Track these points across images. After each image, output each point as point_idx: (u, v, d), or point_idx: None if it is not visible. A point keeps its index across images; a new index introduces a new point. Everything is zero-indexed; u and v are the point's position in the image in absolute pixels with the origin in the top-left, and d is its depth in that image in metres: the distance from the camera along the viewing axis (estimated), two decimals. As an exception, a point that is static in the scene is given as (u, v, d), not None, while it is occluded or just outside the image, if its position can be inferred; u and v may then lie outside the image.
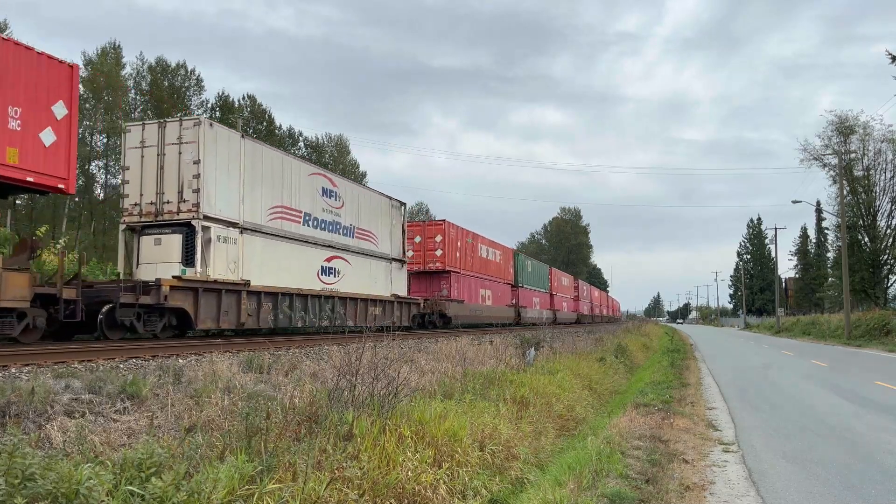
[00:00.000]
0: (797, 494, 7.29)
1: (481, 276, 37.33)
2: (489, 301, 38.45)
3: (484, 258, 38.63)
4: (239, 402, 7.79)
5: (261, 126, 57.69)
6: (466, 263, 34.80)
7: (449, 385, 11.65)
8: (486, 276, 38.44)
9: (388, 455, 6.75)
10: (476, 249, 37.10)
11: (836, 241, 58.57)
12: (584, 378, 16.82)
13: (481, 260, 37.87)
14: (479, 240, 38.91)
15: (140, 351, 11.50)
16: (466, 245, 35.21)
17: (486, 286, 38.32)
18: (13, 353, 10.12)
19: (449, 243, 32.42)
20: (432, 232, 32.47)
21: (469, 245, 35.72)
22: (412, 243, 31.25)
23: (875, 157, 52.52)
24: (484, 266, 38.34)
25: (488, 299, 38.37)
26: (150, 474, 4.97)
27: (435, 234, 32.27)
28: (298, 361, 11.80)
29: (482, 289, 37.26)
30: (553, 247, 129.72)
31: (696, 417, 12.24)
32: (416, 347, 16.36)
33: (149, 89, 52.88)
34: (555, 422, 11.97)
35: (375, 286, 24.82)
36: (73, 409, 6.96)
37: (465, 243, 34.84)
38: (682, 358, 27.74)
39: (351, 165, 70.05)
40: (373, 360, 8.72)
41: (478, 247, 37.76)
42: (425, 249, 32.04)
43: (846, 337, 43.03)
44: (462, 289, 33.43)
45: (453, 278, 32.31)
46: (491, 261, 40.02)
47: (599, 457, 7.99)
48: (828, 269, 75.56)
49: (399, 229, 27.63)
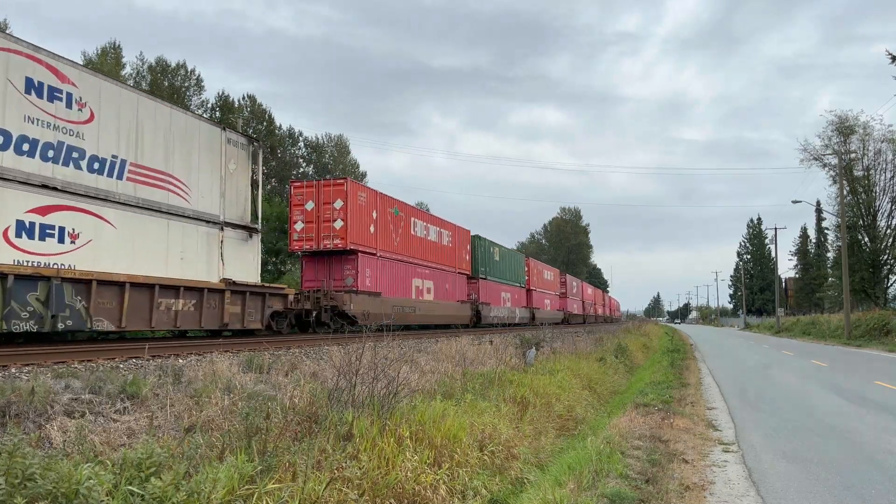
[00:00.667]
0: (797, 494, 7.28)
1: (416, 261, 28.55)
2: (429, 295, 29.68)
3: (422, 238, 29.57)
4: (239, 402, 7.79)
5: (261, 126, 57.67)
6: (388, 243, 25.91)
7: (449, 385, 11.65)
8: (426, 263, 29.61)
9: (387, 455, 6.75)
10: (409, 226, 28.12)
11: (836, 241, 58.59)
12: (584, 378, 16.82)
13: (417, 240, 28.84)
14: (414, 213, 29.44)
15: (139, 351, 11.50)
16: (390, 217, 26.25)
17: (426, 275, 29.38)
18: (13, 353, 10.12)
19: (355, 212, 23.29)
20: (330, 195, 23.04)
21: (395, 218, 26.83)
22: (302, 211, 23.25)
23: (875, 157, 52.57)
24: (422, 249, 29.29)
25: (427, 292, 29.58)
26: (150, 474, 4.96)
27: (333, 197, 22.92)
28: (298, 361, 11.80)
29: (418, 278, 28.49)
30: (553, 247, 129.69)
31: (696, 417, 12.24)
32: (416, 348, 16.37)
33: (149, 89, 52.87)
34: (555, 422, 11.97)
35: (183, 265, 16.12)
36: (73, 409, 6.96)
37: (387, 215, 25.96)
38: (681, 358, 27.74)
39: (351, 165, 70.01)
40: (373, 360, 8.72)
41: (411, 222, 28.49)
42: (320, 220, 23.07)
43: (846, 337, 43.02)
44: (378, 277, 24.74)
45: (361, 262, 23.46)
46: (434, 242, 30.84)
47: (599, 457, 7.99)
48: (828, 269, 75.53)
49: (244, 179, 18.66)
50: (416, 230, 29.27)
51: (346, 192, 22.98)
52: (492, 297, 38.77)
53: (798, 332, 58.14)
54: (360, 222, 23.72)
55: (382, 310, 23.10)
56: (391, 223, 26.44)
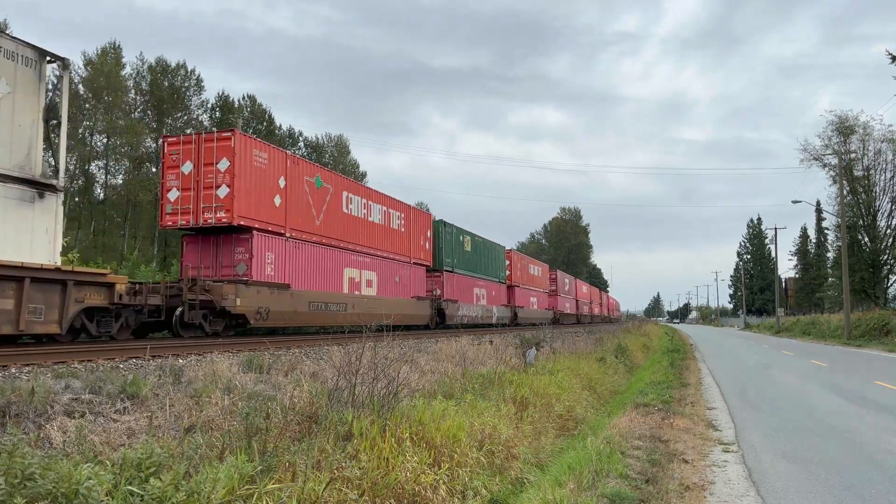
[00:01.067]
0: (797, 494, 7.28)
1: (352, 247, 23.14)
2: (370, 289, 24.13)
3: (361, 219, 24.01)
4: (239, 402, 7.79)
5: (261, 126, 57.68)
6: (306, 221, 20.43)
7: (449, 385, 11.65)
8: (367, 250, 24.29)
9: (387, 455, 6.75)
10: (339, 201, 22.53)
11: (836, 241, 58.61)
12: (584, 378, 16.82)
13: (352, 221, 23.38)
14: (349, 186, 23.69)
15: (140, 351, 11.50)
16: (309, 189, 20.65)
17: (365, 265, 23.99)
18: (13, 353, 10.12)
19: (248, 176, 17.73)
20: (213, 154, 17.56)
21: (319, 191, 21.29)
22: (177, 175, 17.87)
23: (875, 157, 52.58)
24: (360, 232, 23.91)
25: (368, 286, 24.05)
26: (150, 474, 4.96)
27: (218, 156, 17.51)
28: (298, 361, 11.81)
29: (353, 268, 23.02)
30: (553, 247, 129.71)
31: (696, 417, 12.24)
32: (416, 348, 16.38)
33: (149, 89, 52.88)
34: (555, 422, 11.97)
35: None
36: (73, 409, 6.96)
37: (302, 185, 20.37)
38: (681, 358, 27.74)
39: (351, 165, 70.07)
40: (373, 360, 8.72)
41: (343, 198, 22.82)
42: (200, 186, 17.63)
43: (846, 337, 43.02)
44: (288, 264, 19.35)
45: (259, 243, 18.06)
46: (378, 225, 25.50)
47: (599, 457, 7.99)
48: (828, 269, 75.56)
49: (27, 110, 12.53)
50: (352, 208, 23.49)
51: (233, 150, 17.21)
52: (461, 294, 33.66)
53: (798, 332, 58.14)
54: (258, 191, 18.06)
55: (293, 307, 18.84)
56: (311, 196, 20.78)
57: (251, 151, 18.16)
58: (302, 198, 20.45)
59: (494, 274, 40.29)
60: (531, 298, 49.64)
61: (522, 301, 46.44)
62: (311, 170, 21.63)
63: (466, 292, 34.78)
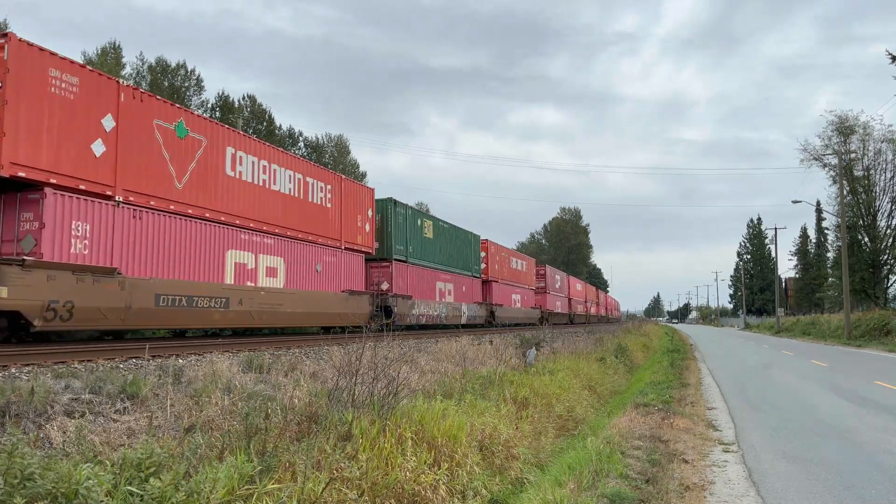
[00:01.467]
0: (797, 494, 7.28)
1: (239, 222, 17.55)
2: (272, 279, 18.58)
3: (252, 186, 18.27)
4: (238, 402, 7.79)
5: (261, 126, 57.71)
6: (155, 182, 15.01)
7: (449, 385, 11.65)
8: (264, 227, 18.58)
9: (387, 455, 6.75)
10: (217, 159, 16.91)
11: (836, 241, 58.59)
12: (584, 378, 16.82)
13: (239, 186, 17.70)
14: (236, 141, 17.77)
15: (139, 351, 11.50)
16: (158, 136, 15.11)
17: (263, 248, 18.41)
18: (13, 353, 10.12)
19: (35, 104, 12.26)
20: None
21: (181, 144, 15.79)
22: None
23: (875, 157, 52.58)
24: (252, 202, 18.19)
25: (270, 276, 18.51)
26: (150, 474, 4.96)
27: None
28: (298, 361, 11.81)
29: (244, 251, 17.59)
30: (553, 247, 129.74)
31: (696, 417, 12.24)
32: (416, 347, 16.39)
33: (149, 89, 52.92)
34: (555, 422, 11.97)
35: None
36: (73, 409, 6.96)
37: (149, 130, 14.88)
38: (681, 358, 27.73)
39: (351, 165, 70.05)
40: (373, 360, 8.72)
41: (226, 156, 17.29)
42: None
43: (846, 337, 43.02)
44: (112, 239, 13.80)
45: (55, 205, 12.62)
46: (290, 197, 19.97)
47: (599, 457, 7.99)
48: (828, 269, 75.51)
49: None
50: (242, 171, 17.76)
51: (5, 64, 11.71)
52: (418, 288, 28.40)
53: (798, 332, 58.13)
54: (60, 131, 12.67)
55: (124, 301, 13.51)
56: (168, 149, 15.30)
57: (46, 70, 12.46)
58: (149, 148, 14.87)
59: (465, 267, 35.03)
60: (513, 296, 44.43)
61: (502, 298, 41.16)
62: (170, 112, 15.50)
63: (425, 287, 29.32)
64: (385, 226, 26.45)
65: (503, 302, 41.32)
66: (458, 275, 33.92)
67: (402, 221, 27.46)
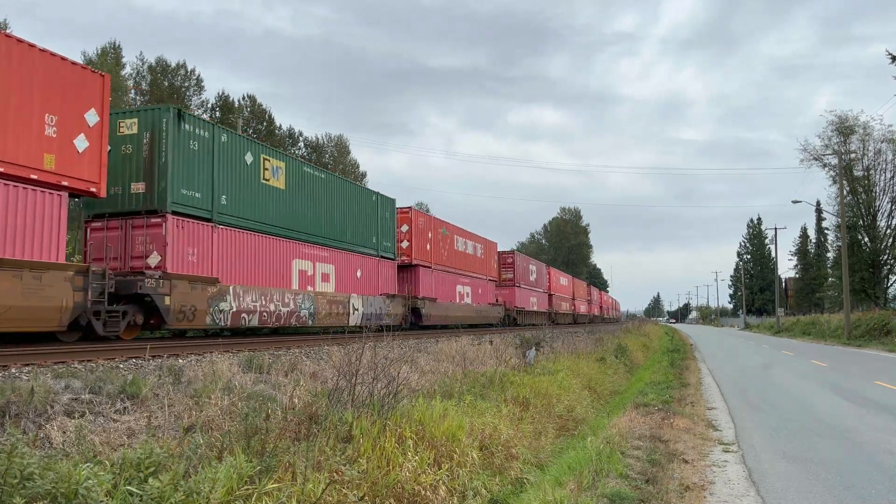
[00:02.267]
0: (797, 494, 7.28)
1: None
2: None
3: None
4: (238, 402, 7.79)
5: (261, 126, 57.71)
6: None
7: (449, 385, 11.65)
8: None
9: (387, 455, 6.74)
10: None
11: (836, 241, 58.57)
12: (584, 378, 16.82)
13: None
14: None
15: (140, 351, 11.50)
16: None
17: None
18: (13, 354, 10.12)
19: None
20: None
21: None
22: None
23: (875, 157, 52.53)
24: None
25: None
26: (149, 474, 4.96)
27: None
28: (298, 361, 11.81)
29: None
30: (553, 247, 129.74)
31: (696, 417, 12.23)
32: (416, 347, 16.38)
33: (149, 89, 52.89)
34: (555, 422, 11.96)
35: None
36: (73, 409, 6.96)
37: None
38: (681, 358, 27.73)
39: (351, 165, 70.07)
40: (373, 360, 8.71)
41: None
42: None
43: (846, 337, 43.01)
44: None
45: None
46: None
47: (599, 457, 7.99)
48: (828, 269, 75.49)
49: None
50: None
51: None
52: (243, 268, 17.83)
53: (798, 332, 58.12)
54: None
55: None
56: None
57: None
58: None
59: (364, 242, 25.03)
60: (458, 287, 34.11)
61: (436, 290, 31.22)
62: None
63: (257, 265, 18.47)
64: (157, 146, 15.60)
65: (439, 296, 31.47)
66: (346, 253, 23.50)
67: (199, 149, 16.54)
